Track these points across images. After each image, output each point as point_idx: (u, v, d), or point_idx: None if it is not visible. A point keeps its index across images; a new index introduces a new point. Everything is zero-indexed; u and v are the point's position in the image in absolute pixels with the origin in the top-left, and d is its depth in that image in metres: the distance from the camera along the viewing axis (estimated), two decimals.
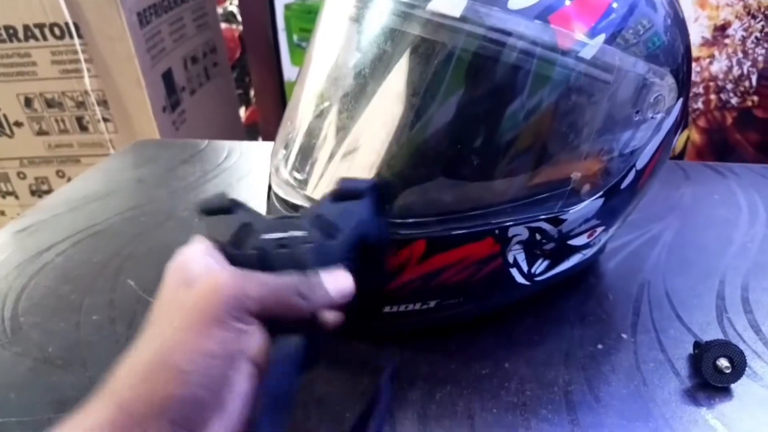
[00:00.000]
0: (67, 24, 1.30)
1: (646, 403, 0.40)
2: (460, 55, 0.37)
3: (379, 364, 0.43)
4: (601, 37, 0.37)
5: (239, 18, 2.36)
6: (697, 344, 0.43)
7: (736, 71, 1.32)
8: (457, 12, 0.36)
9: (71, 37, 1.31)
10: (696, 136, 1.31)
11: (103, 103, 1.40)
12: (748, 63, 1.32)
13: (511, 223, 0.40)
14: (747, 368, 0.40)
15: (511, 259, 0.42)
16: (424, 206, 0.40)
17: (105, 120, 1.42)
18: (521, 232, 0.41)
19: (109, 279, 0.55)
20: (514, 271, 0.43)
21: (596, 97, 0.38)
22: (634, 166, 0.43)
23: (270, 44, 2.01)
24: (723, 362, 0.40)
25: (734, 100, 1.35)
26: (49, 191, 1.47)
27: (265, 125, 2.10)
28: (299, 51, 2.04)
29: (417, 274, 0.41)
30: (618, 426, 0.38)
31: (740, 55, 1.31)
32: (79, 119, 1.41)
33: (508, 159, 0.40)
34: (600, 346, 0.45)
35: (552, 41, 0.36)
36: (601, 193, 0.43)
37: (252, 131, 2.27)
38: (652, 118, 0.41)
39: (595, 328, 0.47)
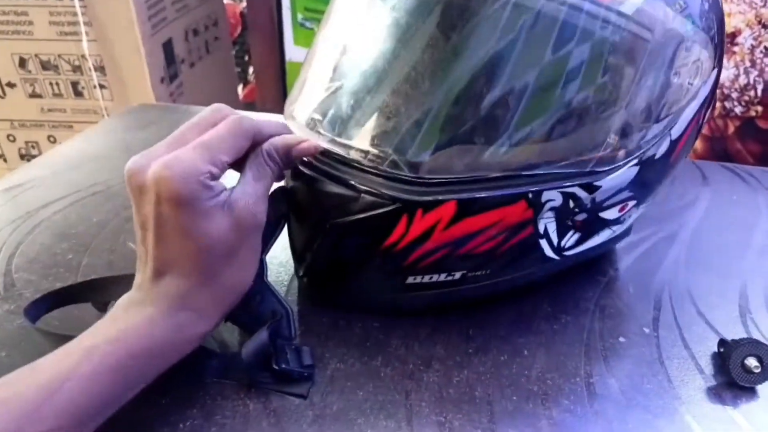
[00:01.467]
0: None
1: (671, 399, 0.38)
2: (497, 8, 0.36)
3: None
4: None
5: None
6: (723, 342, 0.42)
7: (742, 80, 1.31)
8: None
9: None
10: (696, 143, 1.31)
11: (100, 68, 1.36)
12: (755, 72, 1.31)
13: (545, 186, 0.39)
14: None
15: (542, 229, 0.41)
16: (456, 166, 0.38)
17: (101, 86, 1.38)
18: (555, 197, 0.39)
19: (108, 240, 0.52)
20: (543, 243, 0.42)
21: (637, 55, 0.36)
22: (669, 134, 0.42)
23: (273, 22, 1.97)
24: (752, 362, 0.39)
25: (738, 109, 1.34)
26: (38, 156, 1.43)
27: (263, 104, 2.07)
28: (303, 31, 2.00)
29: (445, 239, 0.39)
30: (643, 421, 0.37)
31: (748, 63, 1.31)
32: (75, 84, 1.38)
33: (546, 117, 0.38)
34: (622, 339, 0.43)
35: None
36: (636, 160, 0.41)
37: (249, 110, 2.23)
38: (690, 84, 0.40)
39: (615, 320, 0.45)
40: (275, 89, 2.05)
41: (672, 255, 0.54)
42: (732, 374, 0.39)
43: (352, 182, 0.39)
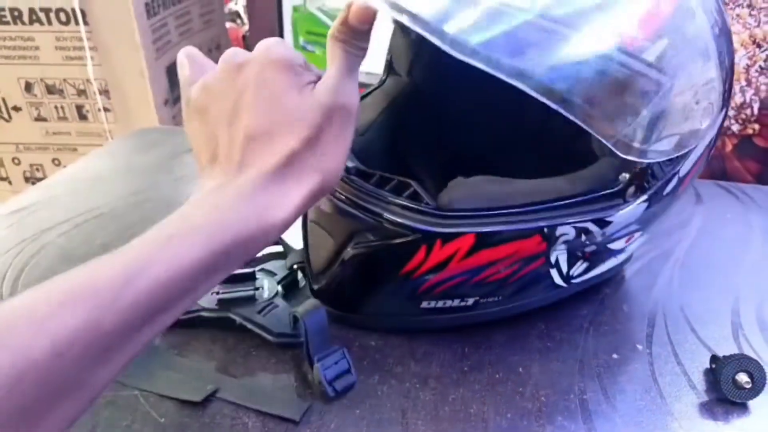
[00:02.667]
0: (73, 9, 1.28)
1: (663, 416, 0.39)
2: None
3: None
4: (664, 42, 0.37)
5: (244, 18, 2.36)
6: (714, 358, 0.42)
7: (738, 98, 1.32)
8: None
9: (77, 23, 1.30)
10: None
11: (104, 92, 1.39)
12: (751, 91, 1.33)
13: (560, 221, 0.40)
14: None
15: (553, 259, 0.42)
16: (476, 200, 0.40)
17: (105, 110, 1.40)
18: (568, 232, 0.41)
19: None
20: (553, 272, 0.43)
21: (651, 98, 0.37)
22: (677, 172, 0.43)
23: None
24: (743, 377, 0.39)
25: (735, 127, 1.35)
26: (43, 179, 1.45)
27: None
28: (305, 54, 2.03)
29: (462, 269, 0.40)
30: None
31: (743, 82, 1.32)
32: (79, 107, 1.40)
33: (563, 156, 0.40)
34: (615, 356, 0.44)
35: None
36: (646, 196, 0.43)
37: None
38: (700, 125, 0.41)
39: (609, 337, 0.46)
40: None
41: (666, 273, 0.54)
42: (723, 390, 0.40)
43: (375, 210, 0.40)
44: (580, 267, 0.45)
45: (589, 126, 0.35)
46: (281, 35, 2.01)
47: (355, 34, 0.35)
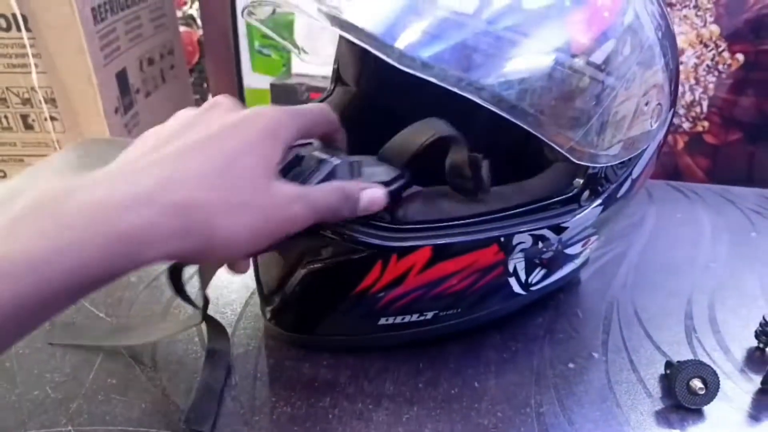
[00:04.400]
0: (14, 15, 1.23)
1: (621, 426, 0.38)
2: None
3: None
4: (610, 45, 0.37)
5: (199, 22, 2.31)
6: (669, 364, 0.42)
7: (688, 97, 1.35)
8: None
9: (18, 29, 1.24)
10: None
11: (51, 101, 1.34)
12: (700, 90, 1.36)
13: (516, 230, 0.39)
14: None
15: (511, 268, 0.41)
16: (432, 212, 0.38)
17: (52, 119, 1.35)
18: (525, 240, 0.40)
19: None
20: (512, 281, 0.42)
21: (602, 102, 0.37)
22: (630, 174, 0.43)
23: (230, 50, 1.97)
24: (696, 383, 0.39)
25: (686, 125, 1.39)
26: None
27: None
28: (260, 58, 2.00)
29: (419, 283, 0.39)
30: None
31: (693, 81, 1.35)
32: (24, 117, 1.35)
33: (516, 164, 0.39)
34: (571, 365, 0.43)
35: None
36: (600, 200, 0.42)
37: None
38: (651, 126, 0.41)
39: (565, 346, 0.45)
40: None
41: (620, 276, 0.54)
42: (678, 397, 0.39)
43: (326, 227, 0.38)
44: (538, 274, 0.44)
45: (541, 133, 0.35)
46: (236, 39, 1.97)
47: (352, 210, 0.35)
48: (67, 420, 0.37)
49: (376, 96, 0.54)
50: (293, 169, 0.36)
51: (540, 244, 0.41)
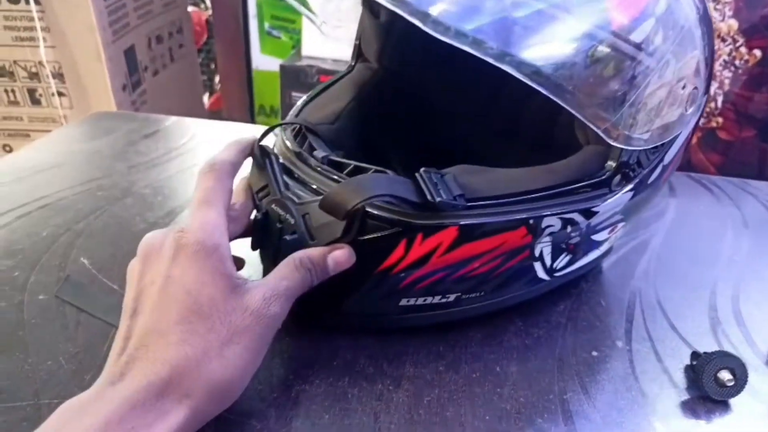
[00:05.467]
0: None
1: (647, 416, 0.38)
2: None
3: None
4: (651, 24, 0.35)
5: (207, 2, 2.29)
6: (695, 355, 0.41)
7: None
8: None
9: (27, 2, 1.23)
10: None
11: (58, 76, 1.32)
12: (716, 85, 1.34)
13: (546, 212, 0.38)
14: None
15: (537, 252, 0.40)
16: (466, 188, 0.37)
17: (60, 94, 1.34)
18: (554, 223, 0.39)
19: (58, 256, 0.49)
20: (537, 265, 0.41)
21: (640, 83, 0.36)
22: (662, 160, 0.42)
23: (240, 30, 1.95)
24: (725, 375, 0.38)
25: (700, 120, 1.37)
26: None
27: (229, 113, 2.03)
28: (270, 39, 1.98)
29: (444, 264, 0.38)
30: None
31: None
32: (32, 91, 1.33)
33: (542, 145, 0.38)
34: (595, 353, 0.42)
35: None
36: (631, 185, 0.41)
37: (215, 119, 2.19)
38: (686, 111, 0.39)
39: (588, 334, 0.44)
40: (241, 98, 2.02)
41: (642, 266, 0.53)
42: (705, 388, 0.39)
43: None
44: (563, 259, 0.43)
45: (578, 112, 0.33)
46: (245, 20, 1.95)
47: (323, 273, 0.37)
48: (80, 391, 0.36)
49: (398, 73, 0.53)
50: (263, 229, 0.40)
51: (568, 229, 0.40)
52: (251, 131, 0.78)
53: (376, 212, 0.36)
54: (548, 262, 0.42)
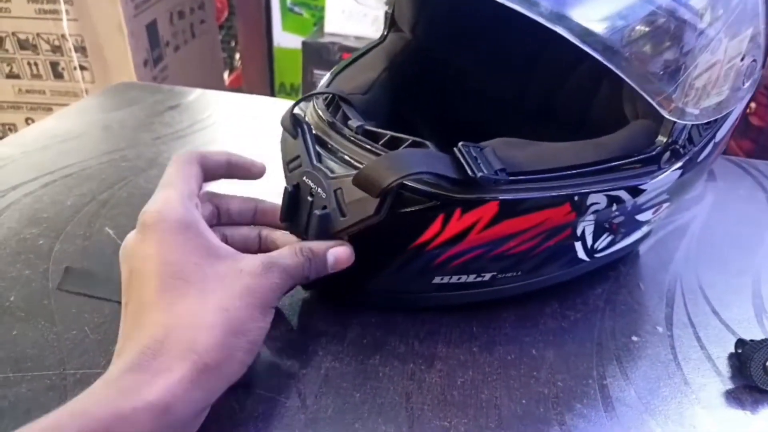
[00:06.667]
0: None
1: (691, 404, 0.36)
2: None
3: None
4: None
5: None
6: (741, 342, 0.39)
7: None
8: None
9: None
10: None
11: (81, 49, 1.31)
12: None
13: (592, 189, 0.36)
14: None
15: (579, 231, 0.38)
16: (508, 161, 0.35)
17: (82, 68, 1.34)
18: (600, 201, 0.37)
19: (83, 225, 0.48)
20: (578, 245, 0.40)
21: (699, 53, 0.33)
22: (714, 137, 0.40)
23: (261, 7, 1.93)
24: None
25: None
26: None
27: (250, 90, 2.02)
28: (292, 16, 1.96)
29: (481, 241, 0.36)
30: (663, 428, 0.34)
31: None
32: (54, 65, 1.33)
33: (583, 124, 0.35)
34: (635, 338, 0.41)
35: None
36: (681, 163, 0.39)
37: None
38: (743, 84, 0.37)
39: (627, 318, 0.43)
40: (262, 75, 2.01)
41: (682, 249, 0.51)
42: (753, 378, 0.37)
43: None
44: (605, 240, 0.41)
45: (633, 80, 0.31)
46: None
47: (320, 268, 0.36)
48: (106, 362, 0.35)
49: (432, 45, 0.51)
50: (293, 202, 0.38)
51: (614, 207, 0.38)
52: (274, 105, 0.77)
53: (412, 184, 0.34)
54: (589, 242, 0.40)
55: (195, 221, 0.33)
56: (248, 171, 0.41)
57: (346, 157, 0.37)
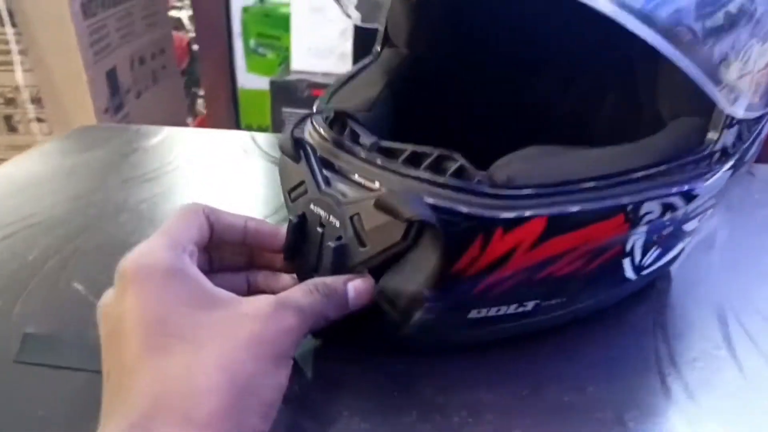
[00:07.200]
0: None
1: None
2: None
3: None
4: None
5: (186, 25, 2.24)
6: None
7: None
8: None
9: (2, 24, 1.16)
10: None
11: (36, 100, 1.25)
12: None
13: (647, 196, 0.31)
14: None
15: (629, 246, 0.34)
16: (542, 175, 0.30)
17: (38, 120, 1.27)
18: (654, 209, 0.32)
19: (48, 281, 0.41)
20: (626, 262, 0.35)
21: (760, 40, 0.30)
22: (760, 133, 0.36)
23: (225, 49, 1.89)
24: None
25: None
26: None
27: None
28: (256, 57, 1.92)
29: (525, 263, 0.31)
30: None
31: None
32: (8, 118, 1.26)
33: (650, 109, 0.31)
34: (699, 364, 0.36)
35: None
36: (732, 162, 0.35)
37: None
38: None
39: (682, 341, 0.38)
40: (227, 117, 1.96)
41: (715, 261, 0.47)
42: None
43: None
44: (653, 254, 0.36)
45: (695, 69, 0.27)
46: (230, 38, 1.90)
47: (340, 307, 0.30)
48: None
49: (431, 59, 0.47)
50: (299, 235, 0.33)
51: (667, 216, 0.33)
52: (246, 137, 0.72)
53: (445, 205, 0.29)
54: (638, 257, 0.36)
55: (183, 268, 0.28)
56: (270, 240, 0.34)
57: (360, 179, 0.32)
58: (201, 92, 2.12)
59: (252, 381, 0.25)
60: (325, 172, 0.33)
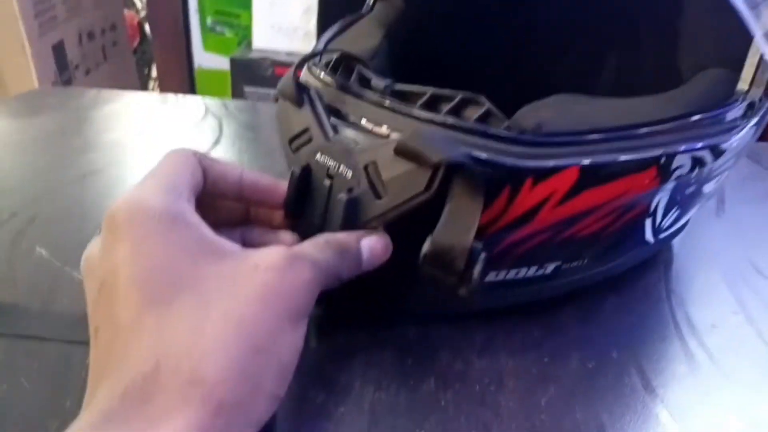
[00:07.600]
0: None
1: None
2: None
3: None
4: None
5: (137, 4, 2.14)
6: None
7: None
8: None
9: None
10: None
11: None
12: None
13: (681, 148, 0.29)
14: None
15: (654, 205, 0.32)
16: (574, 121, 0.28)
17: None
18: (685, 163, 0.30)
19: (6, 249, 0.37)
20: (647, 223, 0.33)
21: None
22: None
23: (180, 27, 1.81)
24: None
25: None
26: None
27: None
28: (213, 36, 1.85)
29: (552, 220, 0.28)
30: None
31: None
32: None
33: (684, 53, 0.30)
34: (715, 327, 0.34)
35: None
36: (757, 118, 0.34)
37: None
38: None
39: (697, 306, 0.36)
40: None
41: (718, 230, 0.46)
42: None
43: None
44: (672, 215, 0.35)
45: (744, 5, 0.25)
46: (186, 16, 1.81)
47: (354, 266, 0.27)
48: (59, 423, 0.25)
49: (426, 8, 0.44)
50: (303, 189, 0.30)
51: (695, 171, 0.32)
52: (213, 102, 0.68)
53: (471, 152, 0.26)
54: (659, 218, 0.34)
55: (183, 212, 0.24)
56: (269, 194, 0.30)
57: (371, 125, 0.29)
58: (154, 73, 2.03)
59: (267, 338, 0.21)
60: (333, 118, 0.30)
